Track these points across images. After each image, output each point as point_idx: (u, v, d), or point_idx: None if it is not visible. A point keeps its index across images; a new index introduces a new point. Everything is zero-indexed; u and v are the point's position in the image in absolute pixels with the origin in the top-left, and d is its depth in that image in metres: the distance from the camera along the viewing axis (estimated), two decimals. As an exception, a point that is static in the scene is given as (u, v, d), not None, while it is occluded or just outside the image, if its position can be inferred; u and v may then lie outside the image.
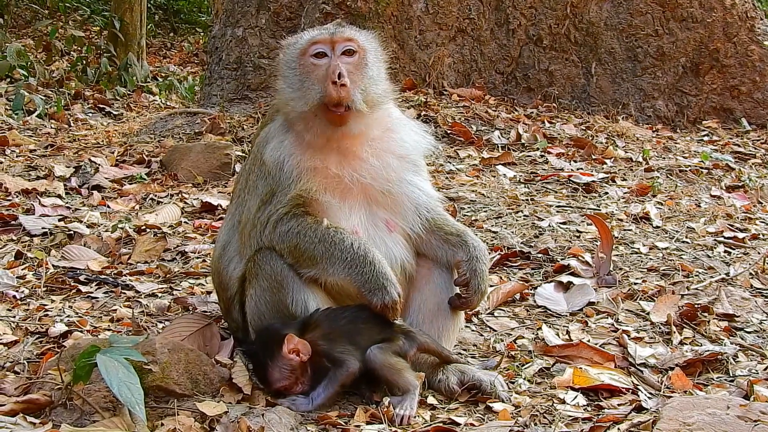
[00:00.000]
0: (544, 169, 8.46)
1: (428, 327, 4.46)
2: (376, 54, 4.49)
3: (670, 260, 6.13)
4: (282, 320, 4.19)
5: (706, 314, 5.23)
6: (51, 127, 10.97)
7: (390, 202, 4.39)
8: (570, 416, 4.07)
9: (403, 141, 4.53)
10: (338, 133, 4.33)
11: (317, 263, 4.17)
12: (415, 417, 3.98)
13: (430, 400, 4.21)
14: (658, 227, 6.84)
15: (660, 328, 5.13)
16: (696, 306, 5.28)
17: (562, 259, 6.07)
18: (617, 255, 6.15)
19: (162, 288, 5.75)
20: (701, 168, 8.71)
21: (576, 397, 4.24)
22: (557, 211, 7.15)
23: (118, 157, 8.97)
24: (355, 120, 4.32)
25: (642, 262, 6.13)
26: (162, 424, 3.80)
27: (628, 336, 4.96)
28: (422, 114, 9.25)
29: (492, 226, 6.72)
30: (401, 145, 4.51)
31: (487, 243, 6.13)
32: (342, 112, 4.26)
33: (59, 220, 6.93)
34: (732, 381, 4.49)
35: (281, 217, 4.24)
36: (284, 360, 4.05)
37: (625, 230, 6.72)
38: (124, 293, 5.63)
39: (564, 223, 6.84)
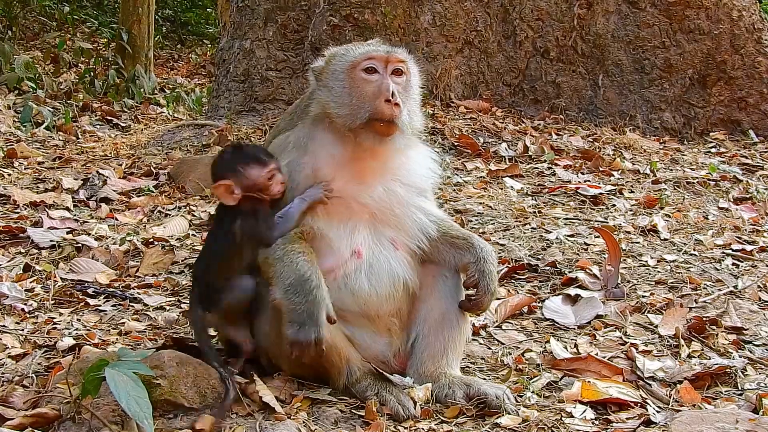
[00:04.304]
0: (552, 182, 8.46)
1: (434, 338, 4.46)
2: (417, 80, 4.52)
3: (678, 273, 6.12)
4: None
5: (714, 327, 5.21)
6: (59, 139, 11.02)
7: (395, 222, 4.39)
8: (578, 430, 4.06)
9: (414, 171, 4.53)
10: (377, 146, 4.31)
11: (273, 282, 4.18)
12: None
13: (438, 413, 4.21)
14: (665, 240, 6.83)
15: (668, 341, 5.11)
16: (704, 319, 5.27)
17: (569, 272, 6.07)
18: (625, 268, 6.15)
19: (170, 301, 5.75)
20: (709, 180, 8.70)
21: (584, 410, 4.23)
22: (565, 224, 7.14)
23: (126, 170, 8.99)
24: (397, 137, 4.33)
25: (650, 274, 6.12)
26: (170, 438, 3.80)
27: (637, 349, 4.94)
28: (429, 126, 9.26)
29: (499, 238, 6.72)
30: (411, 174, 4.51)
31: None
32: (390, 123, 4.25)
33: (67, 233, 6.93)
34: (741, 395, 4.47)
35: None
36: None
37: (632, 243, 6.71)
38: (132, 306, 5.63)
39: (571, 236, 6.83)
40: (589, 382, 4.44)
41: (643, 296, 5.73)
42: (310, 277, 4.10)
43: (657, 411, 4.26)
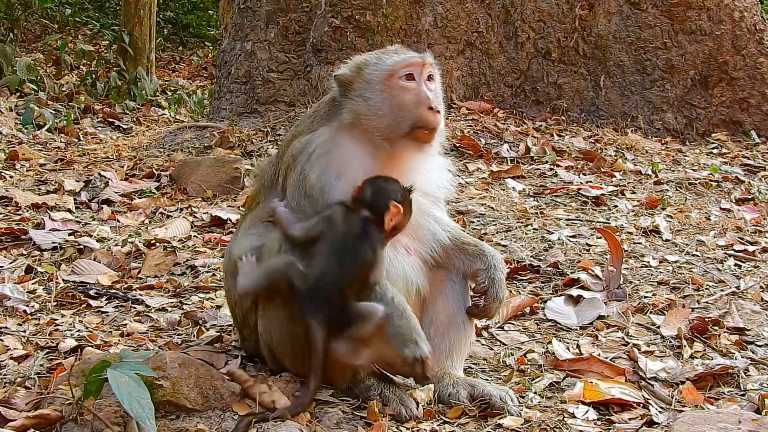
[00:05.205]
0: (553, 183, 8.45)
1: (440, 340, 4.48)
2: (440, 83, 4.55)
3: (680, 273, 6.12)
4: None
5: (716, 328, 5.21)
6: (61, 141, 11.03)
7: (411, 230, 4.41)
8: (581, 431, 4.06)
9: (432, 181, 4.56)
10: (416, 153, 4.36)
11: None
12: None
13: (440, 414, 4.21)
14: (667, 240, 6.83)
15: (670, 342, 5.11)
16: (706, 319, 5.26)
17: (571, 273, 6.07)
18: (627, 268, 6.14)
19: (172, 302, 5.75)
20: (711, 181, 8.69)
21: (587, 411, 4.23)
22: (567, 225, 7.13)
23: (128, 171, 8.99)
24: (434, 144, 4.39)
25: (652, 275, 6.12)
26: (172, 439, 3.80)
27: (639, 350, 4.94)
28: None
29: (501, 239, 6.72)
30: (430, 184, 4.54)
31: (497, 256, 6.13)
32: (433, 130, 4.30)
33: (69, 235, 6.93)
34: (743, 395, 4.47)
35: None
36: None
37: (634, 243, 6.71)
38: (134, 308, 5.63)
39: (573, 237, 6.83)
40: (591, 382, 4.44)
41: (645, 297, 5.73)
42: (403, 301, 4.18)
43: (659, 411, 4.26)
